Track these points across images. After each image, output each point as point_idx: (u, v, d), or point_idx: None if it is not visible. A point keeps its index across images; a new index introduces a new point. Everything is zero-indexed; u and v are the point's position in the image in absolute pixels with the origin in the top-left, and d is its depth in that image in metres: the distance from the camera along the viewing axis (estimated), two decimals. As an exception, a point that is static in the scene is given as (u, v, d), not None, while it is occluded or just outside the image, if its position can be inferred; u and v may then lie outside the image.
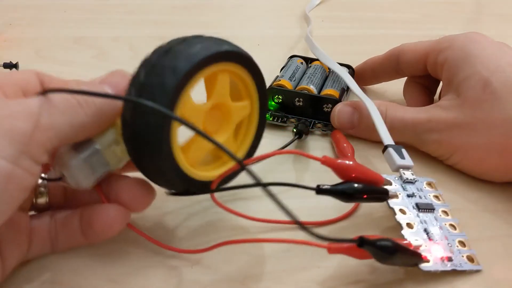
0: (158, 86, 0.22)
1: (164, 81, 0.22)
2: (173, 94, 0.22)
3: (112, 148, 0.24)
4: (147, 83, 0.22)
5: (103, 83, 0.24)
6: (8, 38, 0.48)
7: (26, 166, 0.19)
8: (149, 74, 0.22)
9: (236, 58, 0.25)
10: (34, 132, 0.20)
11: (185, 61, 0.22)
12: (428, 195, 0.28)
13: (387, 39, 0.49)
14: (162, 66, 0.22)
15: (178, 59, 0.22)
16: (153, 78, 0.22)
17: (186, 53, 0.22)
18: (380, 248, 0.23)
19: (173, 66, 0.22)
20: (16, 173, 0.19)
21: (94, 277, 0.24)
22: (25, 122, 0.20)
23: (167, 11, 0.56)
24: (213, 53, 0.23)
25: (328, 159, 0.26)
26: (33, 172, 0.20)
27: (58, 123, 0.20)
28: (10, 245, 0.23)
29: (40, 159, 0.20)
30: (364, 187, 0.25)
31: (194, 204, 0.29)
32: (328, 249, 0.23)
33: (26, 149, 0.19)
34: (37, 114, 0.20)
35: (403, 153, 0.29)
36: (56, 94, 0.21)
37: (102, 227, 0.24)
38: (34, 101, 0.20)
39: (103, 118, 0.22)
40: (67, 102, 0.21)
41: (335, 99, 0.35)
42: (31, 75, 0.22)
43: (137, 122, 0.22)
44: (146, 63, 0.23)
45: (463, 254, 0.25)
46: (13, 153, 0.19)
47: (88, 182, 0.23)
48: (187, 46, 0.23)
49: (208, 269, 0.25)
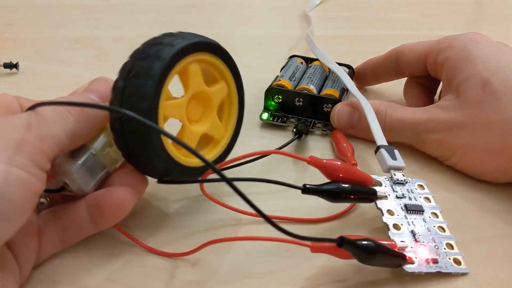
0: (137, 90, 0.23)
1: (142, 85, 0.23)
2: (152, 96, 0.23)
3: (107, 151, 0.25)
4: (126, 89, 0.23)
5: (86, 91, 0.25)
6: (8, 38, 0.48)
7: (36, 173, 0.21)
8: (127, 80, 0.23)
9: (201, 47, 0.26)
10: (36, 141, 0.21)
11: (158, 62, 0.23)
12: (418, 197, 0.28)
13: (387, 39, 0.49)
14: (137, 70, 0.23)
15: (151, 61, 0.23)
16: (132, 82, 0.23)
17: (158, 54, 0.23)
18: (360, 248, 0.22)
19: (148, 68, 0.23)
20: (30, 179, 0.20)
21: (94, 277, 0.24)
22: (26, 133, 0.21)
23: (167, 11, 0.56)
24: (183, 47, 0.24)
25: (314, 159, 0.26)
26: (41, 178, 0.21)
27: (54, 131, 0.22)
28: (24, 248, 0.23)
29: (45, 166, 0.21)
30: (351, 188, 0.25)
31: (186, 201, 0.29)
32: (311, 248, 0.23)
33: (32, 158, 0.20)
34: (34, 126, 0.21)
35: (395, 154, 0.29)
36: (46, 108, 0.22)
37: (115, 209, 0.24)
38: (28, 114, 0.22)
39: (93, 123, 0.24)
40: (57, 112, 0.22)
41: (335, 99, 0.35)
42: (11, 97, 0.24)
43: (124, 127, 0.23)
44: (124, 69, 0.24)
45: (450, 257, 0.25)
46: (23, 162, 0.20)
47: (90, 186, 0.24)
48: (159, 46, 0.24)
49: (208, 269, 0.25)
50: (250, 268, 0.25)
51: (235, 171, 0.29)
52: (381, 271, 0.25)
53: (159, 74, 0.23)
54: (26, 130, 0.21)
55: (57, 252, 0.25)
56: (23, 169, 0.20)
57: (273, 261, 0.26)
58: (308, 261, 0.25)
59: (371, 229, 0.28)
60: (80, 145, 0.24)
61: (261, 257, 0.26)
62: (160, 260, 0.25)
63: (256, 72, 0.37)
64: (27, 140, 0.20)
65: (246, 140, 0.34)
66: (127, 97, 0.23)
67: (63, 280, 0.24)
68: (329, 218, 0.28)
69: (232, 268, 0.25)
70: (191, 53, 0.25)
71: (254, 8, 0.58)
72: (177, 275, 0.25)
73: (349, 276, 0.25)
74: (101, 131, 0.25)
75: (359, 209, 0.29)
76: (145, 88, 0.23)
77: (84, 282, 0.24)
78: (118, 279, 0.24)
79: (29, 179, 0.20)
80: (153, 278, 0.24)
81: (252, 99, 0.38)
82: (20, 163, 0.20)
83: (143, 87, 0.23)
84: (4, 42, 0.47)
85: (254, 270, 0.25)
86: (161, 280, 0.24)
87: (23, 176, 0.20)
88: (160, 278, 0.24)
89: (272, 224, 0.21)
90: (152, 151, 0.23)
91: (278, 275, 0.25)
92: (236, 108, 0.29)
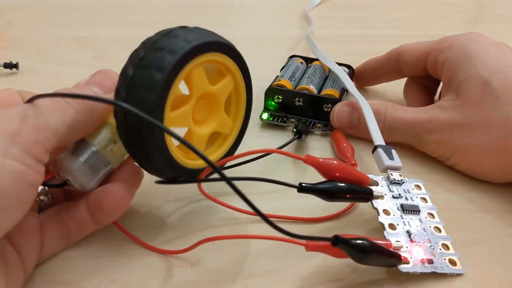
0: (147, 81, 0.22)
1: (151, 77, 0.22)
2: (161, 91, 0.22)
3: (110, 147, 0.24)
4: (136, 78, 0.22)
5: (88, 84, 0.25)
6: (8, 38, 0.48)
7: (31, 164, 0.20)
8: (137, 68, 0.22)
9: (216, 47, 0.25)
10: (31, 132, 0.21)
11: (171, 56, 0.22)
12: (415, 197, 0.28)
13: (387, 39, 0.49)
14: (149, 61, 0.22)
15: (164, 54, 0.22)
16: (142, 72, 0.22)
17: (172, 48, 0.23)
18: (354, 247, 0.22)
19: (160, 62, 0.22)
20: (25, 171, 0.20)
21: (94, 277, 0.24)
22: (21, 124, 0.21)
23: (168, 11, 0.56)
24: (199, 44, 0.23)
25: (311, 158, 0.26)
26: (38, 170, 0.21)
27: (51, 122, 0.21)
28: (27, 245, 0.23)
29: (42, 158, 0.21)
30: (347, 187, 0.25)
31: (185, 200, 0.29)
32: (306, 246, 0.23)
33: (27, 149, 0.20)
34: (30, 117, 0.21)
35: (392, 154, 0.29)
36: (43, 99, 0.22)
37: (113, 205, 0.24)
38: (26, 106, 0.22)
39: (94, 112, 0.23)
40: (55, 103, 0.22)
41: (335, 99, 0.35)
42: (13, 91, 0.24)
43: (127, 120, 0.23)
44: (134, 58, 0.23)
45: (445, 257, 0.25)
46: (17, 153, 0.20)
47: (92, 183, 0.24)
48: (174, 39, 0.23)
49: (208, 269, 0.25)
50: (250, 268, 0.25)
51: (236, 171, 0.29)
52: (377, 271, 0.25)
53: (170, 69, 0.22)
54: (22, 122, 0.21)
55: (59, 250, 0.25)
56: (17, 160, 0.20)
57: (273, 261, 0.26)
58: (308, 261, 0.25)
59: (369, 229, 0.28)
60: (83, 142, 0.24)
61: (261, 257, 0.26)
62: (160, 260, 0.25)
63: (256, 72, 0.37)
64: (22, 131, 0.20)
65: (246, 140, 0.34)
66: (135, 87, 0.22)
67: (63, 280, 0.24)
68: (326, 217, 0.28)
69: (232, 268, 0.25)
70: (205, 52, 0.24)
71: (254, 8, 0.58)
72: (177, 275, 0.25)
73: (345, 275, 0.25)
74: (104, 127, 0.24)
75: (358, 209, 0.29)
76: (155, 81, 0.22)
77: (84, 282, 0.24)
78: (118, 279, 0.24)
79: (24, 170, 0.20)
80: (153, 278, 0.24)
81: (252, 99, 0.38)
82: (14, 154, 0.20)
83: (153, 79, 0.22)
84: (4, 42, 0.47)
85: (254, 270, 0.25)
86: (161, 280, 0.24)
87: (17, 167, 0.20)
88: (160, 278, 0.24)
89: (268, 222, 0.21)
90: (154, 147, 0.23)
91: (278, 275, 0.25)
92: (244, 99, 0.28)
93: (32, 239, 0.24)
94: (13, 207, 0.20)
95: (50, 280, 0.24)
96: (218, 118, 0.27)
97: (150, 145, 0.23)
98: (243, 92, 0.28)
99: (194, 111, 0.26)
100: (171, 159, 0.24)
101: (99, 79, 0.25)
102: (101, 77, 0.25)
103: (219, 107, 0.27)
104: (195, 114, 0.26)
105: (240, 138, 0.29)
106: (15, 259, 0.23)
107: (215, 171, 0.21)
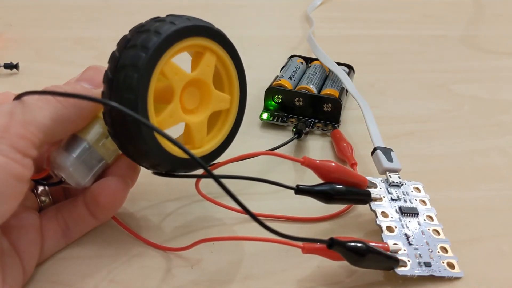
0: (124, 83, 0.22)
1: (128, 77, 0.22)
2: (139, 88, 0.22)
3: (103, 142, 0.24)
4: (114, 81, 0.22)
5: (79, 80, 0.25)
6: (8, 38, 0.48)
7: (17, 158, 0.20)
8: (122, 53, 0.23)
9: (191, 32, 0.25)
10: (17, 127, 0.21)
11: (143, 52, 0.22)
12: (414, 200, 0.28)
13: (387, 39, 0.49)
14: (124, 62, 0.22)
15: (137, 52, 0.22)
16: (126, 54, 0.22)
17: (144, 43, 0.23)
18: (350, 250, 0.22)
19: (144, 42, 0.23)
20: (11, 165, 0.20)
21: (93, 277, 0.24)
22: (7, 120, 0.21)
23: (168, 12, 0.56)
24: (170, 33, 0.24)
25: (308, 160, 0.26)
26: (24, 164, 0.21)
27: (38, 117, 0.21)
28: (26, 244, 0.24)
29: (29, 153, 0.21)
30: (345, 189, 0.25)
31: (185, 200, 0.29)
32: (302, 249, 0.23)
33: (12, 143, 0.20)
34: (17, 113, 0.21)
35: (392, 156, 0.29)
36: (31, 96, 0.22)
37: (108, 200, 0.24)
38: (13, 103, 0.22)
39: (83, 107, 0.23)
40: (42, 98, 0.22)
41: (335, 99, 0.35)
42: (9, 93, 0.24)
43: (113, 119, 0.22)
44: (121, 42, 0.23)
45: (444, 260, 0.25)
46: (3, 148, 0.20)
47: (87, 179, 0.24)
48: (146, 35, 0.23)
49: (208, 269, 0.25)
50: (250, 269, 0.25)
51: (235, 171, 0.29)
52: (375, 273, 0.25)
53: (145, 65, 0.22)
54: (8, 118, 0.21)
55: (60, 248, 0.25)
56: (2, 154, 0.20)
57: (273, 261, 0.26)
58: (309, 262, 0.25)
59: (368, 231, 0.28)
60: (75, 137, 0.24)
61: (261, 257, 0.26)
62: (160, 261, 0.25)
63: (256, 72, 0.37)
64: (7, 127, 0.21)
65: (246, 140, 0.34)
66: (120, 67, 0.22)
67: (63, 281, 0.24)
68: (322, 218, 0.28)
69: (232, 269, 0.25)
70: (181, 40, 0.24)
71: (255, 9, 0.58)
72: (177, 275, 0.25)
73: (343, 278, 0.25)
74: (96, 121, 0.24)
75: (357, 210, 0.29)
76: (132, 80, 0.22)
77: (84, 282, 0.24)
78: (118, 279, 0.24)
79: (9, 165, 0.20)
80: (153, 278, 0.24)
81: (252, 99, 0.38)
82: (0, 149, 0.20)
83: (130, 79, 0.22)
84: (4, 42, 0.47)
85: (254, 270, 0.25)
86: (161, 280, 0.24)
87: (2, 162, 0.20)
88: (160, 278, 0.24)
89: (260, 224, 0.20)
90: (142, 142, 0.23)
91: (278, 276, 0.25)
92: (233, 69, 0.27)
93: (32, 238, 0.24)
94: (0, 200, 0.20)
95: (49, 280, 0.24)
96: (212, 98, 0.26)
97: (136, 135, 0.23)
98: (228, 63, 0.27)
99: (184, 103, 0.25)
100: (161, 149, 0.23)
101: (89, 75, 0.25)
102: (91, 73, 0.25)
103: (208, 88, 0.26)
104: (186, 104, 0.25)
105: (243, 107, 0.28)
106: (14, 260, 0.23)
107: (211, 171, 0.21)
